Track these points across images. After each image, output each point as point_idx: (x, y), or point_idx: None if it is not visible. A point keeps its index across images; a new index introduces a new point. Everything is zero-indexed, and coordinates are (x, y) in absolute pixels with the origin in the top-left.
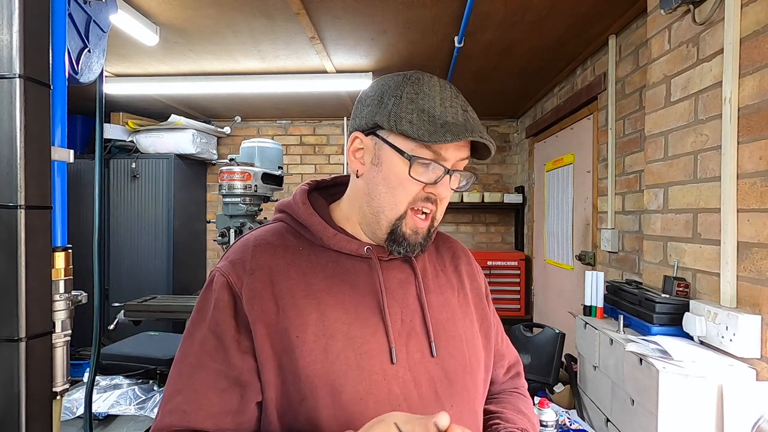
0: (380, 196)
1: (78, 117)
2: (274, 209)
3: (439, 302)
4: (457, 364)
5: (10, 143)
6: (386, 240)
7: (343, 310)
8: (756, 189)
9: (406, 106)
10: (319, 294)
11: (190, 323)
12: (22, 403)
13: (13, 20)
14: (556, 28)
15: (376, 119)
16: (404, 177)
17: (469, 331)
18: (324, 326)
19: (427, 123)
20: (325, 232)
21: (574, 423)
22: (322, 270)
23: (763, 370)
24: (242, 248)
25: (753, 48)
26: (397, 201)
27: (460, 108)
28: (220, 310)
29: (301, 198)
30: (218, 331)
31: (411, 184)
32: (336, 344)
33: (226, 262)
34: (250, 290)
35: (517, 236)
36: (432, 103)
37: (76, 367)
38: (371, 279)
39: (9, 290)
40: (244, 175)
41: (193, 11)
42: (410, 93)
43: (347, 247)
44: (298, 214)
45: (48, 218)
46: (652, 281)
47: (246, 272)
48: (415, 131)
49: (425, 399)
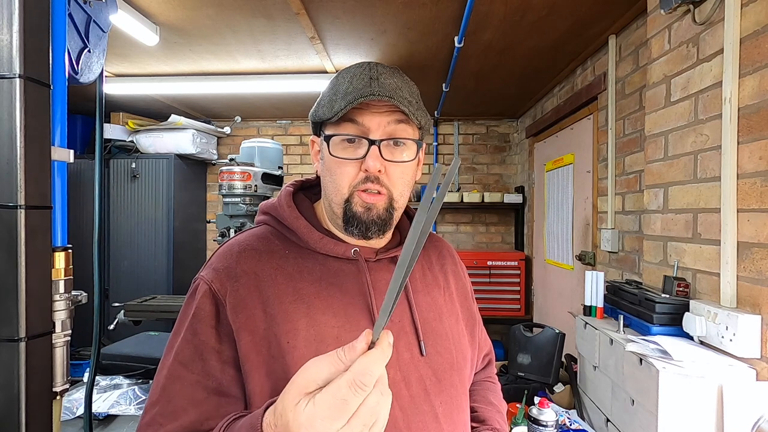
0: (327, 186)
1: (78, 117)
2: (258, 210)
3: (427, 302)
4: (444, 363)
5: (10, 143)
6: (343, 225)
7: (332, 313)
8: (756, 189)
9: (325, 94)
10: (307, 298)
11: (172, 333)
12: (22, 403)
13: (13, 20)
14: (556, 28)
15: (311, 118)
16: (336, 159)
17: (455, 330)
18: (315, 331)
19: (331, 100)
20: (311, 236)
21: (574, 423)
22: (310, 274)
23: (763, 370)
24: (226, 255)
25: (753, 48)
26: (338, 185)
27: (368, 77)
28: (201, 320)
29: (286, 200)
30: (196, 341)
31: (344, 166)
32: (327, 349)
33: (210, 269)
34: (235, 298)
35: (517, 236)
36: (343, 82)
37: (76, 367)
38: (359, 281)
39: (9, 290)
40: (244, 175)
41: (193, 11)
42: (332, 81)
43: (334, 250)
44: (284, 217)
45: (48, 218)
46: (652, 281)
47: (230, 279)
48: (324, 112)
49: (415, 398)
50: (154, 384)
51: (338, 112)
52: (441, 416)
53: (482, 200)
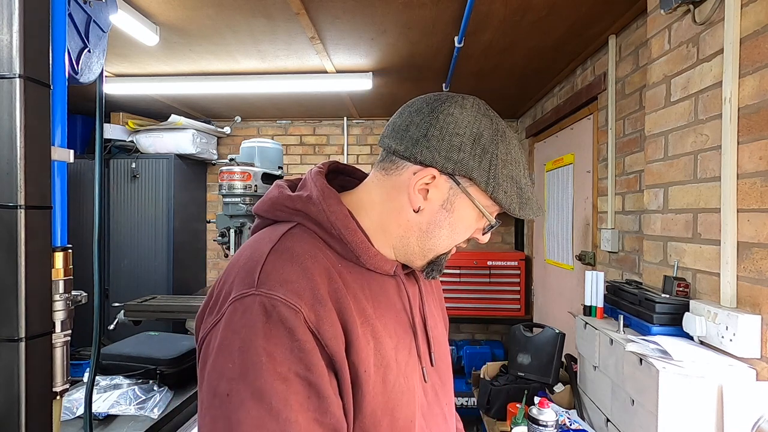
0: (440, 239)
1: (78, 117)
2: (286, 204)
3: (429, 310)
4: (444, 367)
5: (10, 143)
6: (422, 266)
7: (387, 334)
8: (756, 189)
9: (502, 172)
10: (371, 320)
11: (263, 371)
12: (22, 403)
13: (13, 20)
14: (556, 28)
15: (474, 174)
16: (471, 227)
17: (443, 334)
18: (381, 355)
19: (517, 196)
20: (366, 253)
21: (574, 423)
22: (364, 292)
23: (763, 370)
24: (298, 269)
25: (753, 48)
26: (452, 243)
27: (530, 180)
28: (307, 352)
29: (339, 208)
30: (311, 377)
31: (470, 232)
32: (391, 372)
33: (285, 289)
34: (330, 326)
35: (517, 236)
36: (518, 172)
37: (76, 367)
38: (400, 297)
39: (9, 290)
40: (244, 175)
41: (193, 11)
42: (503, 153)
43: (383, 267)
44: (336, 226)
45: (48, 218)
46: (652, 281)
47: (318, 303)
48: (508, 202)
49: (432, 404)
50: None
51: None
52: (447, 416)
53: None
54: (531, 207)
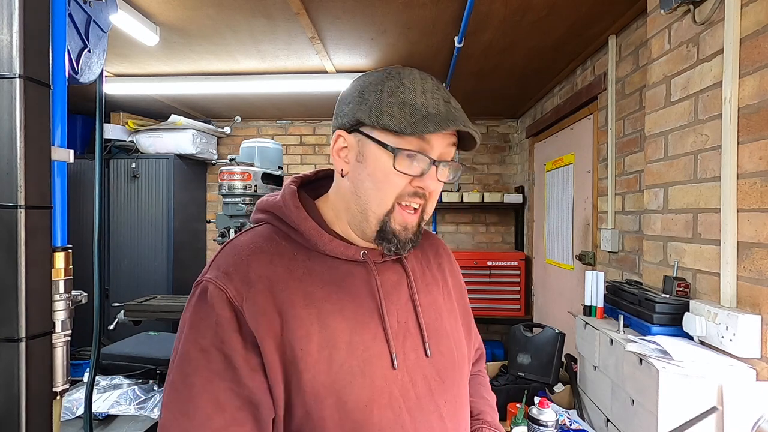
0: (367, 193)
1: (78, 117)
2: (256, 208)
3: (428, 301)
4: (446, 362)
5: (10, 143)
6: (375, 237)
7: (342, 317)
8: (756, 189)
9: (387, 100)
10: (318, 302)
11: (184, 341)
12: (22, 403)
13: (13, 20)
14: (556, 28)
15: (358, 116)
16: (389, 171)
17: (454, 328)
18: (326, 335)
19: (409, 115)
20: (320, 239)
21: (574, 423)
22: (319, 277)
23: (763, 370)
24: (235, 257)
25: (753, 48)
26: (383, 196)
27: (441, 99)
28: (224, 327)
29: (293, 201)
30: (225, 349)
31: (397, 178)
32: (339, 353)
33: (219, 272)
34: (253, 305)
35: (517, 236)
36: (413, 95)
37: (76, 367)
38: (368, 283)
39: (9, 290)
40: (244, 175)
41: (193, 11)
42: (390, 87)
43: (344, 253)
44: (290, 218)
45: (48, 218)
46: (652, 281)
47: (245, 285)
48: (396, 124)
49: (421, 398)
50: (172, 394)
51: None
52: (445, 415)
53: (482, 200)
54: (431, 121)
